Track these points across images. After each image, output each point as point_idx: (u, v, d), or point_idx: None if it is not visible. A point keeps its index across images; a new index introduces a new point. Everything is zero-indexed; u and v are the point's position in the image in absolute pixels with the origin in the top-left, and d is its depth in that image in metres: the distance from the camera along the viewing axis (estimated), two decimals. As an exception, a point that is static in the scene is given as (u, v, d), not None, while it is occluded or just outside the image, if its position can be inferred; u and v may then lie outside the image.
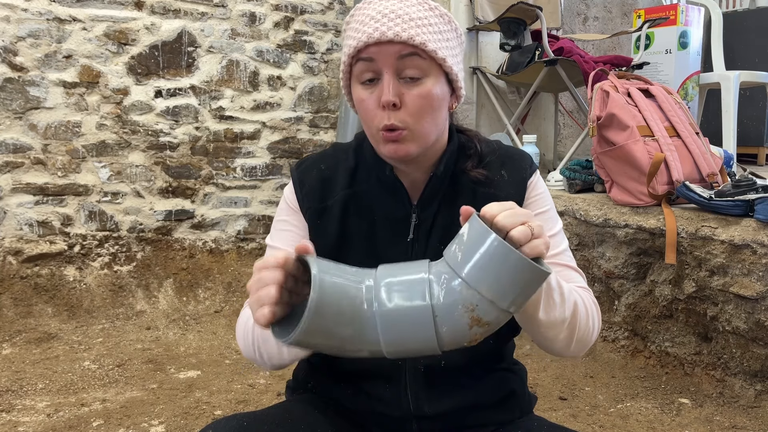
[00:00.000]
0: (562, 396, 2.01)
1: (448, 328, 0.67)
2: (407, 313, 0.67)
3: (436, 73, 0.87)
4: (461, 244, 0.68)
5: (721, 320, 1.93)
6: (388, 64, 0.85)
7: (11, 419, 1.85)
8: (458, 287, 0.66)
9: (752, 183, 1.98)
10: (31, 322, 2.56)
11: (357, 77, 0.88)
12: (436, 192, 0.95)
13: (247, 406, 1.94)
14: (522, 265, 0.64)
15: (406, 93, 0.86)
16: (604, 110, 2.19)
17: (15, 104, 2.71)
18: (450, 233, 0.93)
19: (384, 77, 0.85)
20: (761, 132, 3.78)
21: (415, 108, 0.86)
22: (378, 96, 0.86)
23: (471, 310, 0.66)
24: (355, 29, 0.87)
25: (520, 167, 0.98)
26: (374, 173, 0.96)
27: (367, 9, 0.87)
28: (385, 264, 0.73)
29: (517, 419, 0.99)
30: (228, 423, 0.86)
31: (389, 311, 0.67)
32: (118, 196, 2.90)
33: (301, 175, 1.00)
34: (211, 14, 3.02)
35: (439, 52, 0.86)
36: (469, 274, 0.66)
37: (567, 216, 2.36)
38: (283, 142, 3.22)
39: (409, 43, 0.84)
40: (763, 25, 3.81)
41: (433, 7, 0.88)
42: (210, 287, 2.94)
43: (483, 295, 0.65)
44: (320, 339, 0.67)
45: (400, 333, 0.68)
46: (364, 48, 0.85)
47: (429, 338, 0.67)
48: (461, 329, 0.67)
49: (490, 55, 3.23)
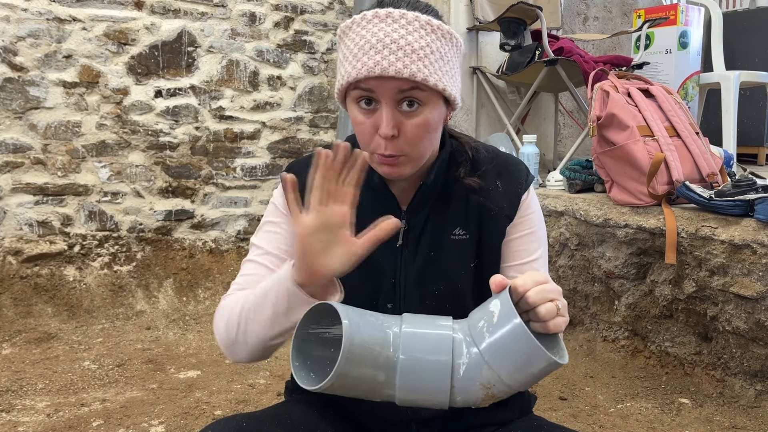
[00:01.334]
0: (562, 396, 2.01)
1: (462, 397, 0.71)
2: (428, 367, 0.70)
3: (436, 99, 0.86)
4: (490, 323, 0.69)
5: (721, 320, 1.93)
6: (388, 96, 0.83)
7: (11, 419, 1.85)
8: (480, 367, 0.69)
9: (752, 183, 1.98)
10: (31, 322, 2.56)
11: (354, 99, 0.86)
12: (426, 199, 0.94)
13: (247, 406, 1.94)
14: (545, 361, 0.68)
15: (405, 122, 0.84)
16: (604, 110, 2.19)
17: (15, 104, 2.71)
18: (441, 239, 0.93)
19: (383, 108, 0.83)
20: (761, 132, 3.78)
21: (414, 137, 0.85)
22: (375, 122, 0.84)
23: (487, 388, 0.70)
24: (354, 54, 0.83)
25: (516, 180, 0.97)
26: (364, 178, 0.96)
27: (366, 32, 0.83)
28: (408, 314, 0.75)
29: (517, 419, 0.99)
30: (228, 423, 0.86)
31: (412, 361, 0.70)
32: (118, 196, 2.90)
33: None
34: (211, 14, 3.02)
35: (440, 84, 0.83)
36: (494, 360, 0.68)
37: (567, 216, 2.36)
38: (283, 142, 3.22)
39: (410, 80, 0.81)
40: (763, 25, 3.81)
41: (435, 27, 0.84)
42: (210, 287, 2.94)
43: (502, 379, 0.69)
44: (342, 386, 0.70)
45: (417, 383, 0.70)
46: (363, 80, 0.83)
47: (443, 392, 0.70)
48: (474, 398, 0.72)
49: (490, 55, 3.23)
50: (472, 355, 0.69)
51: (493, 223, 0.94)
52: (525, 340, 0.67)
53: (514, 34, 2.96)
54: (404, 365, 0.70)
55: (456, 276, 0.93)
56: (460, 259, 0.94)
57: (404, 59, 0.81)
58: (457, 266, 0.94)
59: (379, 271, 0.94)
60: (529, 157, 2.66)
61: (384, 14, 0.83)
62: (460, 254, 0.94)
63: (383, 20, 0.82)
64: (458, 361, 0.70)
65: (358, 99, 0.86)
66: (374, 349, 0.69)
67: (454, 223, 0.94)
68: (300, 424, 0.91)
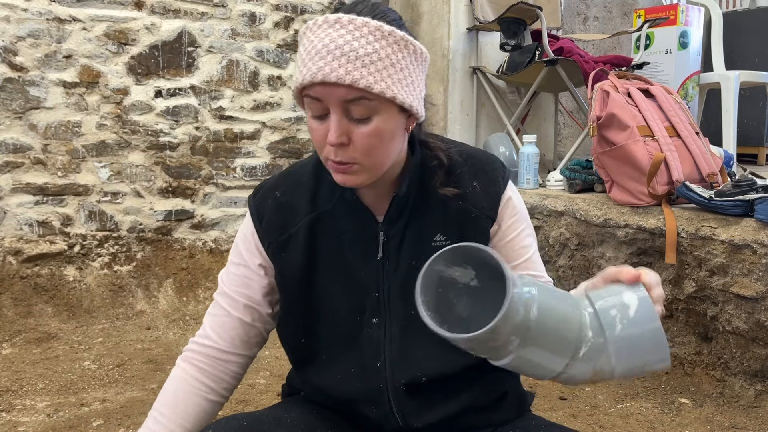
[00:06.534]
0: (562, 396, 2.01)
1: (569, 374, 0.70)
2: (554, 337, 0.69)
3: (387, 108, 0.82)
4: (625, 316, 0.68)
5: (721, 320, 1.93)
6: (335, 104, 0.80)
7: (11, 419, 1.85)
8: (601, 354, 0.68)
9: (752, 183, 1.98)
10: (31, 322, 2.56)
11: (307, 105, 0.84)
12: (401, 210, 0.92)
13: (247, 406, 1.94)
14: (663, 364, 0.68)
15: (355, 131, 0.81)
16: (604, 110, 2.19)
17: (15, 104, 2.71)
18: (422, 247, 0.91)
19: (331, 116, 0.81)
20: (761, 132, 3.78)
21: (364, 146, 0.82)
22: (326, 129, 0.82)
23: (596, 373, 0.70)
24: (302, 60, 0.82)
25: (492, 179, 0.95)
26: (337, 191, 0.93)
27: (314, 38, 0.81)
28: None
29: (514, 419, 0.98)
30: (228, 423, 0.86)
31: (542, 327, 0.68)
32: (118, 196, 2.90)
33: (258, 207, 0.97)
34: (211, 14, 3.02)
35: (387, 92, 0.80)
36: (618, 353, 0.68)
37: (567, 216, 2.36)
38: (283, 142, 3.22)
39: (354, 87, 0.78)
40: (763, 25, 3.80)
41: (386, 33, 0.80)
42: (210, 287, 2.94)
43: (615, 370, 0.69)
44: (483, 339, 0.66)
45: (542, 346, 0.69)
46: (309, 86, 0.81)
47: (559, 364, 0.69)
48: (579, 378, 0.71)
49: (490, 55, 3.23)
50: (597, 341, 0.68)
51: (475, 225, 0.93)
52: (661, 345, 0.66)
53: (514, 34, 2.96)
54: (537, 329, 0.68)
55: None
56: None
57: (347, 65, 0.78)
58: None
59: (363, 287, 0.92)
60: (529, 157, 2.66)
61: (333, 20, 0.80)
62: None
63: (332, 26, 0.80)
64: (581, 343, 0.69)
65: (310, 108, 0.84)
66: (519, 310, 0.67)
67: (434, 229, 0.93)
68: (300, 424, 0.91)
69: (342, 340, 0.94)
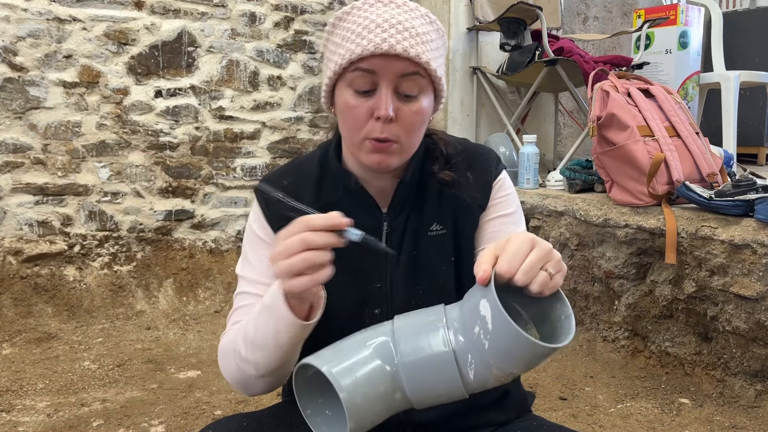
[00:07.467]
0: (562, 396, 2.01)
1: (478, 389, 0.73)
2: (439, 387, 0.72)
3: (429, 89, 0.87)
4: (485, 330, 0.68)
5: (721, 320, 1.93)
6: (389, 79, 0.82)
7: (11, 419, 1.85)
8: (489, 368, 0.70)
9: (752, 183, 1.98)
10: (31, 322, 2.56)
11: (349, 83, 0.84)
12: (404, 198, 0.94)
13: (247, 406, 1.94)
14: (550, 350, 0.68)
15: (403, 108, 0.84)
16: (604, 110, 2.19)
17: (15, 104, 2.71)
18: (420, 237, 0.93)
19: (382, 90, 0.83)
20: (761, 132, 3.78)
21: (410, 124, 0.85)
22: (371, 106, 0.83)
23: (500, 378, 0.72)
24: (357, 33, 0.82)
25: (485, 169, 0.97)
26: (341, 183, 0.94)
27: (370, 14, 0.83)
28: (399, 325, 0.76)
29: (515, 419, 0.98)
30: (228, 423, 0.86)
31: (421, 393, 0.72)
32: (118, 196, 2.90)
33: (266, 193, 0.97)
34: (211, 14, 3.02)
35: (439, 70, 0.86)
36: (499, 362, 0.69)
37: (567, 216, 2.36)
38: (283, 142, 3.22)
39: (415, 61, 0.82)
40: (763, 25, 3.80)
41: (432, 20, 0.87)
42: (210, 287, 2.94)
43: (512, 371, 0.71)
44: (363, 427, 0.72)
45: (434, 399, 0.73)
46: (368, 57, 0.81)
47: (459, 396, 0.73)
48: (490, 386, 0.73)
49: (490, 55, 3.23)
50: (477, 361, 0.70)
51: (467, 214, 0.94)
52: (525, 343, 0.67)
53: (514, 34, 2.96)
54: (415, 398, 0.72)
55: (438, 272, 0.93)
56: (440, 254, 0.93)
57: (410, 39, 0.82)
58: (439, 262, 0.93)
59: (366, 278, 0.93)
60: (529, 157, 2.66)
61: (387, 0, 0.85)
62: (439, 250, 0.93)
63: (386, 5, 0.84)
64: (465, 370, 0.71)
65: (354, 83, 0.84)
66: (378, 393, 0.71)
67: (431, 219, 0.94)
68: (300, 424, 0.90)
69: (344, 331, 0.94)
